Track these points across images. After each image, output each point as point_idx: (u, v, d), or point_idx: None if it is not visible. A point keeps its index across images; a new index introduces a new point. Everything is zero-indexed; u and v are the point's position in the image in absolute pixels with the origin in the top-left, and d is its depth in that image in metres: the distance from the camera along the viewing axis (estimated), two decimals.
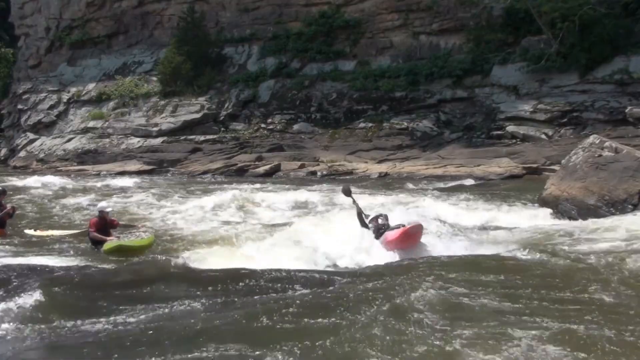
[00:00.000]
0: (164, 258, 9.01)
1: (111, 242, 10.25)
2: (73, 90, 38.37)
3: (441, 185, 21.22)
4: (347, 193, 10.82)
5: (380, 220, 9.66)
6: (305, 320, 5.72)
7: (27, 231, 12.44)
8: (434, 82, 29.67)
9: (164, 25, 38.31)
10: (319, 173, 26.61)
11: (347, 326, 5.53)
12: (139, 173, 28.74)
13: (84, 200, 17.67)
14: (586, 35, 25.45)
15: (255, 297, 6.60)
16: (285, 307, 6.10)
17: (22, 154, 36.50)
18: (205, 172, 27.93)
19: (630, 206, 11.41)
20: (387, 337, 5.27)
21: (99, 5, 39.60)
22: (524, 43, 28.23)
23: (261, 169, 27.61)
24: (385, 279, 7.12)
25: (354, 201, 10.49)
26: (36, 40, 42.49)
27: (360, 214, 10.09)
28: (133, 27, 39.19)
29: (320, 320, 5.71)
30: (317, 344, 5.21)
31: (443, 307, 5.98)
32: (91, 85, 38.03)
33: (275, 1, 34.91)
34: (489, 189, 19.01)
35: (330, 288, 6.83)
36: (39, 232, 12.31)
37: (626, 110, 24.39)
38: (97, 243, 10.47)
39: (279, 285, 7.07)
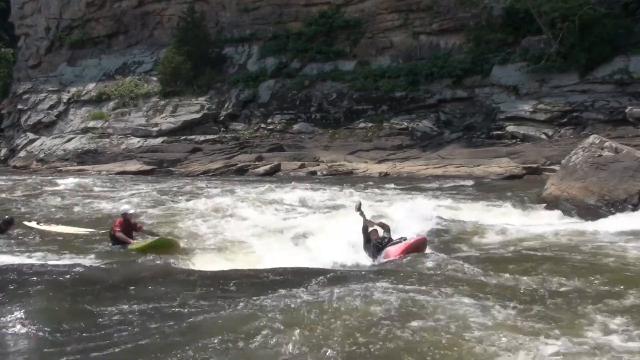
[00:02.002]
0: (165, 258, 9.01)
1: (137, 243, 10.25)
2: (73, 90, 38.43)
3: (441, 185, 21.20)
4: (358, 209, 10.08)
5: (380, 233, 9.21)
6: (304, 318, 5.73)
7: (27, 223, 12.22)
8: (434, 82, 29.69)
9: (164, 25, 38.35)
10: (319, 173, 26.62)
11: (346, 324, 5.54)
12: (138, 173, 28.74)
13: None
14: (586, 35, 25.46)
15: (256, 297, 6.60)
16: (286, 306, 6.10)
17: (22, 154, 36.53)
18: (205, 172, 27.94)
19: (630, 206, 11.43)
20: (394, 339, 5.28)
21: (99, 5, 39.64)
22: (524, 43, 28.24)
23: (261, 169, 27.62)
24: (388, 279, 7.12)
25: (364, 216, 9.79)
26: (36, 40, 42.53)
27: (365, 229, 9.50)
28: (133, 27, 39.23)
29: (317, 319, 5.72)
30: (314, 342, 5.22)
31: (445, 304, 5.99)
32: (91, 85, 38.06)
33: (275, 1, 34.95)
34: (489, 189, 19.00)
35: (333, 287, 6.83)
36: (43, 227, 12.10)
37: (626, 110, 24.38)
38: (120, 243, 10.47)
39: (280, 284, 7.06)
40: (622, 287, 6.63)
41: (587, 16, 25.16)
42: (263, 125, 31.72)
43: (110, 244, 10.62)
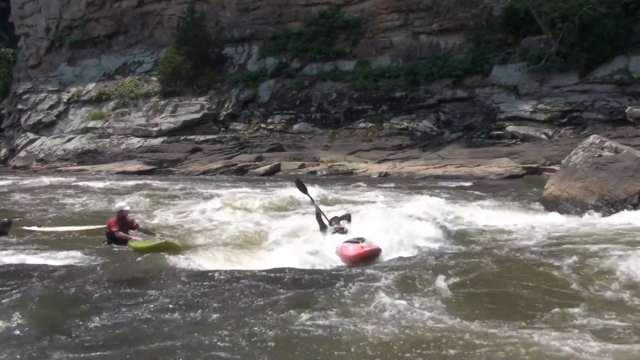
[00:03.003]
0: (165, 258, 9.00)
1: (137, 242, 10.17)
2: (73, 90, 38.43)
3: (441, 185, 21.19)
4: (302, 189, 9.68)
5: (341, 223, 9.11)
6: (301, 319, 5.73)
7: (28, 227, 12.21)
8: (434, 82, 29.69)
9: (164, 25, 38.35)
10: (319, 173, 26.64)
11: (338, 325, 5.54)
12: (138, 173, 28.75)
13: None
14: (586, 35, 25.45)
15: (254, 298, 6.60)
16: (284, 306, 6.10)
17: (22, 154, 36.53)
18: (205, 172, 27.96)
19: (630, 206, 11.42)
20: (380, 337, 5.27)
21: (99, 5, 39.64)
22: (524, 43, 28.23)
23: (261, 169, 27.65)
24: (371, 279, 7.11)
25: (312, 200, 9.55)
26: (36, 40, 42.53)
27: (319, 215, 9.43)
28: (133, 27, 39.23)
29: (315, 319, 5.72)
30: (310, 342, 5.21)
31: (437, 305, 5.99)
32: (91, 85, 38.06)
33: (275, 1, 34.95)
34: (489, 189, 18.99)
35: (331, 287, 6.83)
36: (45, 229, 12.13)
37: (626, 110, 24.39)
38: (117, 241, 10.37)
39: (279, 285, 7.06)
40: (622, 287, 6.62)
41: (587, 16, 25.15)
42: (263, 125, 31.73)
43: (105, 243, 10.59)
